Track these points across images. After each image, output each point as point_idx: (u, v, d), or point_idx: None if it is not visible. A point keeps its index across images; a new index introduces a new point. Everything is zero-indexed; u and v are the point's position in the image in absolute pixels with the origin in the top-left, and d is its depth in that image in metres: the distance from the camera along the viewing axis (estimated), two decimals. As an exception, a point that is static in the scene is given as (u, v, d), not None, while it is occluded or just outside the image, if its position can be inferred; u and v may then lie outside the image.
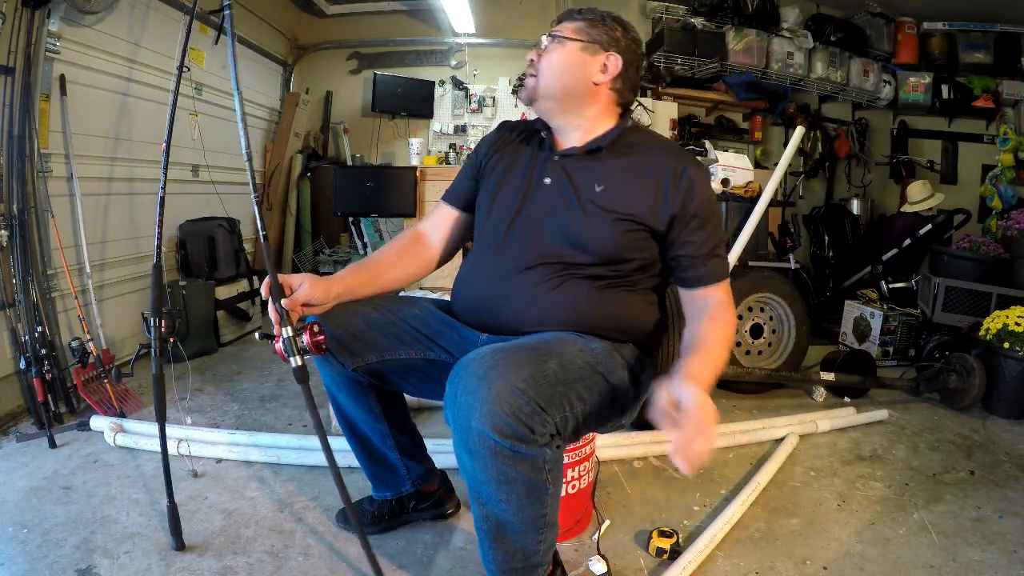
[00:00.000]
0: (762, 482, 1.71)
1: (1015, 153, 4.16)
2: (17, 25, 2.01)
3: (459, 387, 0.93)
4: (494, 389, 0.89)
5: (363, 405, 1.33)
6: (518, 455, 0.92)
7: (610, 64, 1.18)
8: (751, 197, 2.65)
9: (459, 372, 0.95)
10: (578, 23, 1.19)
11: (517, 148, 1.29)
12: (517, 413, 0.90)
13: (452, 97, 4.47)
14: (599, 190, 1.15)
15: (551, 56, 1.18)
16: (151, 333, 1.47)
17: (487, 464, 0.93)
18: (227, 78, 3.47)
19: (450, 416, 0.94)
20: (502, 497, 0.96)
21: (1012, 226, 2.97)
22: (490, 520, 1.01)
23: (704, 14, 4.09)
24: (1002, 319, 2.40)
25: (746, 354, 2.58)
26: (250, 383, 2.52)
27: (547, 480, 0.98)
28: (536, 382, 0.93)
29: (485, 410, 0.89)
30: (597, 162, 1.18)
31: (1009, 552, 1.45)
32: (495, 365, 0.92)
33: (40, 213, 2.15)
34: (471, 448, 0.93)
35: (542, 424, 0.93)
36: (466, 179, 1.35)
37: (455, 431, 0.94)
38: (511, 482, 0.95)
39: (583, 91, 1.19)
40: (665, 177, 1.14)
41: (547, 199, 1.19)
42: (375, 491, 1.47)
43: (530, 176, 1.23)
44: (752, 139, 4.52)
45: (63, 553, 1.33)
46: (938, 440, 2.14)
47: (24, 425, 2.01)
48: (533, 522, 1.01)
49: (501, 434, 0.89)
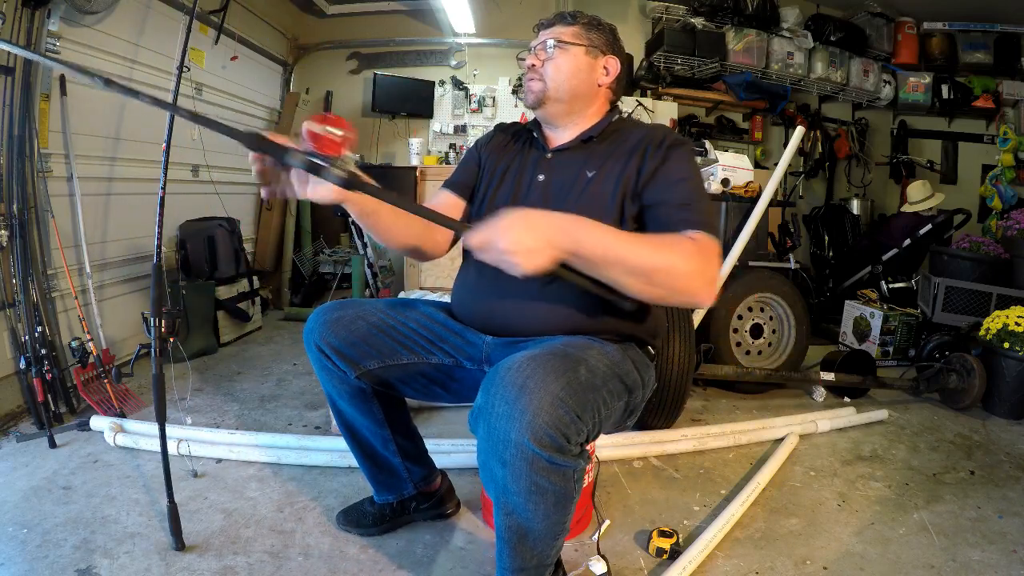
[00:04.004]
0: (762, 482, 1.71)
1: (1015, 153, 4.16)
2: (17, 25, 2.01)
3: (496, 396, 0.90)
4: (535, 399, 0.88)
5: (366, 412, 1.32)
6: (553, 466, 0.92)
7: (611, 67, 1.24)
8: (751, 197, 2.65)
9: (494, 381, 0.92)
10: (576, 28, 1.22)
11: (512, 150, 1.31)
12: (558, 423, 0.89)
13: (452, 97, 4.47)
14: (591, 175, 1.17)
15: (558, 61, 1.20)
16: (151, 333, 1.47)
17: (521, 475, 0.92)
18: (227, 78, 3.48)
19: (482, 426, 0.92)
20: (531, 507, 0.96)
21: (1012, 226, 2.97)
22: (512, 528, 1.00)
23: (704, 14, 4.09)
24: (1002, 319, 2.40)
25: (746, 354, 2.58)
26: (250, 383, 2.52)
27: (574, 489, 0.98)
28: (573, 390, 0.92)
29: (527, 420, 0.87)
30: (589, 151, 1.21)
31: (1009, 552, 1.45)
32: (533, 374, 0.90)
33: (40, 213, 2.15)
34: (506, 459, 0.91)
35: (578, 433, 0.92)
36: (469, 168, 1.34)
37: (487, 441, 0.92)
38: (542, 492, 0.94)
39: (589, 93, 1.23)
40: (647, 146, 1.16)
41: (543, 196, 1.19)
42: (377, 495, 1.47)
43: (523, 176, 1.24)
44: (752, 139, 4.52)
45: (63, 553, 1.33)
46: (938, 440, 2.14)
47: (24, 425, 2.00)
48: (554, 528, 1.01)
49: (540, 445, 0.88)
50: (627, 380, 1.08)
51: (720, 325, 2.46)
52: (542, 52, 1.22)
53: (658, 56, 4.03)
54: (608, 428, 1.11)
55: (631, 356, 1.13)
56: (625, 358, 1.10)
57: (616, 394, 1.04)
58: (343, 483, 1.69)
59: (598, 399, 0.98)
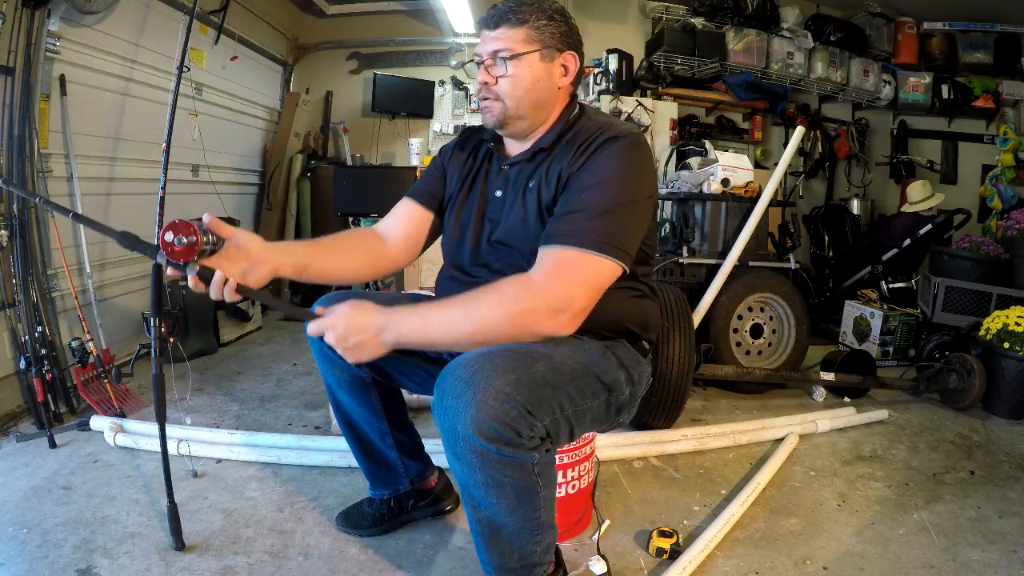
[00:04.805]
0: (762, 482, 1.71)
1: (1015, 153, 4.16)
2: (17, 25, 2.02)
3: (445, 392, 0.91)
4: (479, 393, 0.88)
5: (364, 403, 1.33)
6: (505, 459, 0.91)
7: (569, 64, 1.15)
8: (751, 197, 2.65)
9: (445, 377, 0.93)
10: (526, 30, 1.10)
11: (472, 164, 1.26)
12: (503, 417, 0.88)
13: (452, 97, 4.48)
14: (532, 185, 1.12)
15: (513, 76, 1.10)
16: (151, 333, 1.48)
17: (475, 468, 0.93)
18: (227, 78, 3.48)
19: (438, 420, 0.94)
20: (492, 500, 0.96)
21: (1012, 226, 2.97)
22: (483, 522, 1.01)
23: (704, 14, 4.09)
24: (1002, 319, 2.40)
25: (746, 354, 2.58)
26: (250, 383, 2.52)
27: (537, 483, 0.97)
28: (523, 385, 0.91)
29: (470, 414, 0.88)
30: (539, 160, 1.14)
31: (1009, 552, 1.45)
32: (480, 369, 0.90)
33: (40, 213, 2.15)
34: (458, 452, 0.92)
35: (529, 428, 0.91)
36: (433, 178, 1.30)
37: (443, 436, 0.94)
38: (500, 485, 0.94)
39: (550, 99, 1.15)
40: (580, 146, 1.08)
41: (497, 214, 1.17)
42: (372, 489, 1.47)
43: (484, 193, 1.21)
44: (752, 139, 4.52)
45: (63, 553, 1.33)
46: (938, 440, 2.14)
47: (24, 425, 2.00)
48: (526, 523, 1.00)
49: (487, 438, 0.89)
50: (605, 378, 1.06)
51: (720, 325, 2.46)
52: (493, 66, 1.12)
53: (658, 56, 4.03)
54: (592, 426, 1.10)
55: (617, 354, 1.11)
56: (606, 356, 1.09)
57: (590, 392, 1.02)
58: (343, 483, 1.69)
59: (560, 395, 0.96)
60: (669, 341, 1.99)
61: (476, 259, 1.20)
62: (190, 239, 0.96)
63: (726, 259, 2.53)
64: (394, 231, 1.30)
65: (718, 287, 2.48)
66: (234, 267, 1.02)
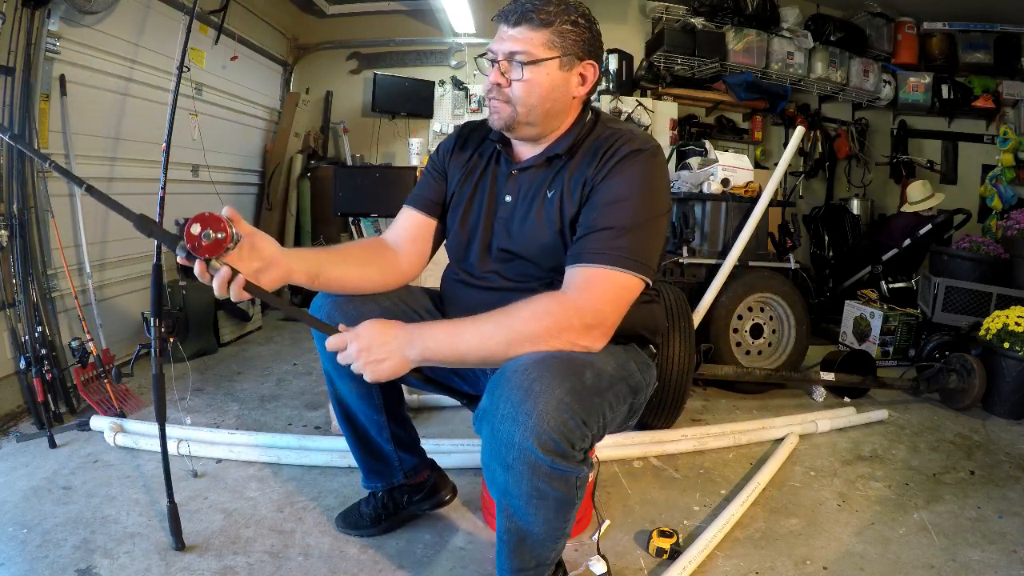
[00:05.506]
0: (762, 482, 1.71)
1: (1015, 153, 4.16)
2: (17, 25, 2.01)
3: (500, 399, 0.89)
4: (540, 403, 0.86)
5: (364, 395, 1.32)
6: (555, 472, 0.91)
7: (588, 74, 1.10)
8: (751, 197, 2.66)
9: (500, 383, 0.91)
10: (548, 33, 1.04)
11: (477, 163, 1.23)
12: (562, 428, 0.88)
13: (452, 97, 4.48)
14: (551, 195, 1.10)
15: (529, 81, 1.05)
16: (151, 333, 1.47)
17: (522, 479, 0.91)
18: (227, 78, 3.48)
19: (486, 428, 0.91)
20: (531, 511, 0.96)
21: (1012, 226, 2.97)
22: (513, 531, 1.00)
23: (704, 14, 4.09)
24: (1002, 319, 2.40)
25: (746, 354, 2.58)
26: (250, 383, 2.52)
27: (576, 495, 0.98)
28: (578, 394, 0.90)
29: (531, 424, 0.86)
30: (554, 167, 1.13)
31: (1009, 552, 1.45)
32: (540, 377, 0.88)
33: (40, 213, 2.15)
34: (508, 462, 0.90)
35: (582, 439, 0.91)
36: (431, 182, 1.27)
37: (490, 443, 0.91)
38: (543, 497, 0.94)
39: (564, 109, 1.11)
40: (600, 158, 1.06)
41: (508, 219, 1.16)
42: (366, 481, 1.45)
43: (492, 197, 1.19)
44: (752, 139, 4.52)
45: (63, 553, 1.33)
46: (938, 440, 2.14)
47: (24, 425, 2.00)
48: (553, 533, 1.01)
49: (544, 449, 0.88)
50: (631, 382, 1.06)
51: (720, 325, 2.46)
52: (508, 67, 1.06)
53: (658, 56, 4.04)
54: (611, 431, 1.10)
55: (633, 358, 1.12)
56: (629, 360, 1.09)
57: (621, 397, 1.03)
58: (343, 483, 1.69)
59: (603, 403, 0.96)
60: (669, 341, 1.99)
61: (485, 264, 1.19)
62: (218, 235, 0.92)
63: (726, 259, 2.53)
64: (402, 242, 1.27)
65: (718, 287, 2.49)
66: (246, 266, 0.99)
